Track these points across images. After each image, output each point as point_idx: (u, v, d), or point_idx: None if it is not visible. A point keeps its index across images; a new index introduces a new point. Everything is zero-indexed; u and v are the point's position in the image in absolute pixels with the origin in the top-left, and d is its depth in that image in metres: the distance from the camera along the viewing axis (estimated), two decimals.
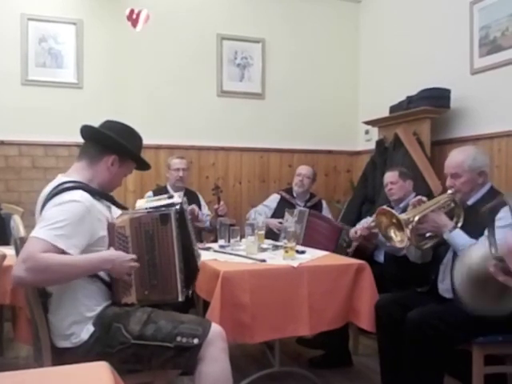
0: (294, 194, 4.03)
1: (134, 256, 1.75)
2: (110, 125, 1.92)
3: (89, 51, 4.16)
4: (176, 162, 3.83)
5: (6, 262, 1.78)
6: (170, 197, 1.91)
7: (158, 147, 4.27)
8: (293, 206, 3.81)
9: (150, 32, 4.22)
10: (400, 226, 2.18)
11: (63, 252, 1.63)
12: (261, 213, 3.96)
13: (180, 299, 1.81)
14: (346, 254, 3.33)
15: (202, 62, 4.47)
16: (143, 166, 2.03)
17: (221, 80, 4.53)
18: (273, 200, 4.05)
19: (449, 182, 2.31)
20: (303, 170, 4.03)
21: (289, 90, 4.73)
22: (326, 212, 4.04)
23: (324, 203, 4.10)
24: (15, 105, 3.97)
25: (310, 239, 3.34)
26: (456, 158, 2.30)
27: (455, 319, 2.11)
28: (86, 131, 1.90)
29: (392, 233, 2.25)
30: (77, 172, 1.86)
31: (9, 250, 1.92)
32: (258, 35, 4.62)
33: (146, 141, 2.13)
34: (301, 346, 3.18)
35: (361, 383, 2.77)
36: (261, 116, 4.66)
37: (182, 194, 1.97)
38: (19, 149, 4.01)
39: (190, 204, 3.84)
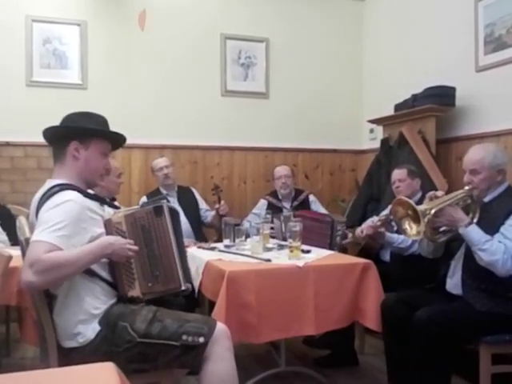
0: (280, 197, 4.01)
1: (131, 241, 1.77)
2: (63, 118, 1.90)
3: (93, 52, 4.17)
4: (158, 162, 3.88)
5: (12, 264, 1.78)
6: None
7: (162, 147, 4.26)
8: (280, 210, 3.75)
9: (153, 32, 4.22)
10: (416, 218, 2.15)
11: None
12: (251, 221, 3.93)
13: (183, 287, 1.84)
14: (342, 246, 3.30)
15: (205, 62, 4.47)
16: (115, 141, 1.96)
17: (225, 80, 4.53)
18: (261, 207, 4.01)
19: (467, 178, 2.28)
20: (281, 171, 4.00)
21: (293, 89, 4.72)
22: (314, 205, 4.01)
23: (311, 197, 4.06)
24: (20, 106, 3.98)
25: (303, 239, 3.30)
26: (476, 154, 2.27)
27: (462, 318, 2.10)
28: (44, 136, 1.88)
29: (406, 224, 2.22)
30: (59, 176, 1.84)
31: (16, 251, 1.93)
32: (262, 34, 4.61)
33: (150, 141, 2.13)
34: (306, 346, 3.17)
35: (367, 383, 2.76)
36: (265, 115, 4.65)
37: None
38: (25, 150, 4.03)
39: (185, 199, 3.86)
